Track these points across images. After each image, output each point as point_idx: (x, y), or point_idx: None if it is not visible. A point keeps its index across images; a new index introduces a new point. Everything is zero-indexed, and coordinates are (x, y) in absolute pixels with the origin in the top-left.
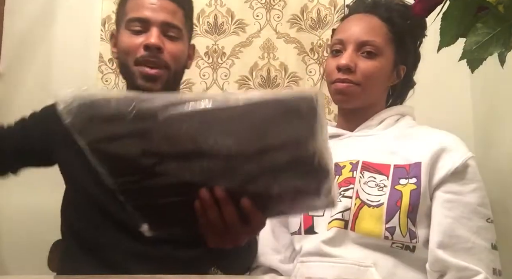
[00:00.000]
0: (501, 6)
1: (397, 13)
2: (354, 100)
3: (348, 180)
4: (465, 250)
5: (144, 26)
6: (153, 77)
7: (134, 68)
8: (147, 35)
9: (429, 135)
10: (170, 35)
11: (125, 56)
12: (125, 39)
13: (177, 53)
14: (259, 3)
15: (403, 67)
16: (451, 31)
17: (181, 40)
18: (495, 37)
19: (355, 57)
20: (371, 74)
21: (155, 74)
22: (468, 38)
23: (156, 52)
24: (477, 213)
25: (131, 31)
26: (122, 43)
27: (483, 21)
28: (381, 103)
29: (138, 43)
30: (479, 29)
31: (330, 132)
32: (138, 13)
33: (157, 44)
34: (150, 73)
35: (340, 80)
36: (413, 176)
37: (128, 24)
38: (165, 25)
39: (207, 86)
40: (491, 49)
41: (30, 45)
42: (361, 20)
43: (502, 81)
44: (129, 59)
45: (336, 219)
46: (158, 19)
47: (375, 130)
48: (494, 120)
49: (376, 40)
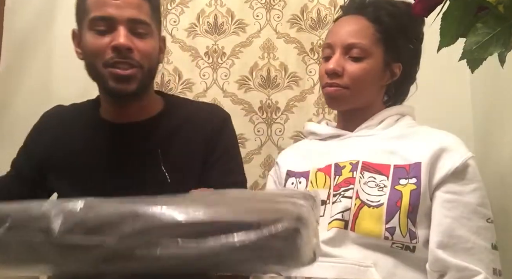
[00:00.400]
0: (501, 6)
1: (385, 12)
2: (345, 103)
3: (348, 180)
4: (465, 250)
5: (109, 25)
6: (127, 77)
7: (104, 70)
8: (113, 35)
9: (429, 135)
10: (138, 32)
11: (92, 58)
12: (90, 40)
13: (148, 51)
14: (259, 3)
15: (397, 64)
16: (451, 31)
17: (151, 35)
18: (495, 37)
19: (343, 61)
20: (358, 77)
21: (129, 74)
22: (468, 38)
23: (126, 52)
24: (477, 213)
25: (96, 32)
26: (87, 45)
27: (483, 21)
28: (378, 103)
29: (104, 45)
30: (479, 29)
31: (330, 133)
32: (102, 11)
33: (126, 45)
34: (123, 73)
35: (328, 85)
36: (413, 176)
37: (92, 23)
38: (132, 22)
39: (207, 86)
40: (491, 49)
41: (30, 45)
42: (348, 22)
43: (502, 81)
44: (97, 61)
45: (336, 219)
46: (124, 17)
47: (375, 130)
48: (494, 120)
49: (362, 42)
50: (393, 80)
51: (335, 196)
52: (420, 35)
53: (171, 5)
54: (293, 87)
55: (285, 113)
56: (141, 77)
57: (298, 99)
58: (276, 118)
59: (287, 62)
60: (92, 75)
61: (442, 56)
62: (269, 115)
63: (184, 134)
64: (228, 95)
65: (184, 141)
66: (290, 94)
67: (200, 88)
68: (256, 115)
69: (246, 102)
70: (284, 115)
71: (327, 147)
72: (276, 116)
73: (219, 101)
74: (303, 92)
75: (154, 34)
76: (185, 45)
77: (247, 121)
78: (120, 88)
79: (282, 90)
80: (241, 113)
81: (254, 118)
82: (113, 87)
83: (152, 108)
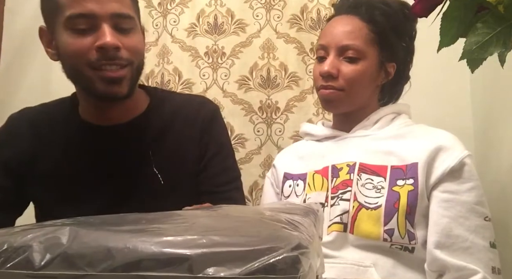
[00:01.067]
0: (501, 6)
1: (379, 12)
2: (340, 106)
3: (346, 182)
4: (463, 250)
5: (90, 23)
6: (117, 79)
7: (89, 73)
8: (97, 34)
9: (425, 134)
10: (123, 28)
11: (73, 60)
12: (69, 41)
13: (136, 47)
14: (259, 3)
15: (392, 64)
16: (451, 31)
17: (135, 29)
18: (495, 37)
19: (337, 63)
20: (353, 78)
21: (119, 76)
22: (468, 38)
23: (114, 52)
24: (474, 212)
25: (74, 31)
26: (66, 46)
27: (483, 21)
28: (373, 103)
29: (87, 45)
30: (479, 29)
31: (326, 133)
32: (80, 8)
33: (113, 44)
34: (113, 76)
35: (323, 87)
36: (410, 176)
37: (69, 22)
38: (116, 17)
39: (207, 86)
40: (491, 49)
41: (30, 45)
42: (342, 23)
43: (502, 81)
44: (79, 63)
45: (335, 222)
46: (106, 12)
47: (371, 131)
48: (494, 120)
49: (357, 43)
50: (388, 80)
51: (333, 199)
52: (413, 33)
53: (171, 5)
54: (293, 87)
55: (285, 113)
56: (131, 77)
57: (298, 99)
58: (276, 118)
59: (287, 62)
60: (73, 78)
61: (442, 56)
62: (269, 115)
63: (174, 131)
64: (228, 95)
65: (175, 139)
66: (290, 94)
67: (200, 88)
68: (256, 115)
69: (246, 102)
70: (284, 115)
71: (324, 148)
72: (276, 116)
73: (219, 101)
74: (303, 92)
75: (138, 27)
76: (185, 45)
77: (247, 121)
78: (111, 92)
79: (282, 90)
80: (241, 113)
81: (254, 118)
82: (102, 91)
83: (138, 106)
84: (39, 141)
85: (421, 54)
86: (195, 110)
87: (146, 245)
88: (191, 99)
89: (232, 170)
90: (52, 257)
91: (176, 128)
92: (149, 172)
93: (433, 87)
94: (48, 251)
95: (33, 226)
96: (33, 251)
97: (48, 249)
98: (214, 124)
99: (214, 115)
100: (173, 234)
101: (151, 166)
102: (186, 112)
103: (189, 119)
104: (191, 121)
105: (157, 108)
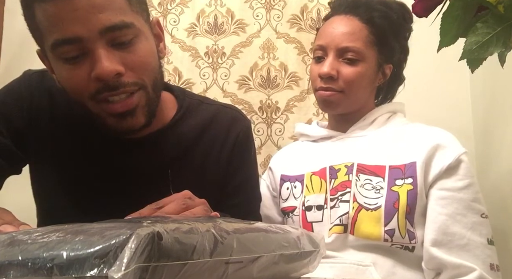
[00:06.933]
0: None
1: (378, 13)
2: (339, 107)
3: (345, 183)
4: (460, 247)
5: (79, 48)
6: (129, 111)
7: (96, 108)
8: (90, 60)
9: (422, 133)
10: (122, 42)
11: (74, 95)
12: (63, 73)
13: (144, 61)
14: (259, 3)
15: (389, 65)
16: (451, 31)
17: (140, 36)
18: (495, 37)
19: (337, 64)
20: (353, 80)
21: (130, 107)
22: (468, 38)
23: (116, 79)
24: (471, 209)
25: (66, 61)
26: (62, 79)
27: (483, 21)
28: (370, 104)
29: (83, 77)
30: (479, 29)
31: (322, 134)
32: (62, 32)
33: (112, 71)
34: (122, 109)
35: (323, 89)
36: (409, 176)
37: (56, 51)
38: (108, 31)
39: (207, 86)
40: (491, 49)
41: (30, 45)
42: (341, 23)
43: (502, 81)
44: (82, 98)
45: (336, 225)
46: (94, 30)
47: (367, 131)
48: (494, 119)
49: (357, 45)
50: (385, 81)
51: (333, 201)
52: (409, 33)
53: (171, 5)
54: (293, 87)
55: (285, 113)
56: (147, 102)
57: (298, 99)
58: (276, 118)
59: (287, 62)
60: (81, 109)
61: (442, 56)
62: (269, 115)
63: (199, 151)
64: (228, 95)
65: (199, 160)
66: (290, 94)
67: (200, 88)
68: (256, 115)
69: (246, 102)
70: (284, 115)
71: (320, 149)
72: (276, 116)
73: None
74: (303, 92)
75: (143, 30)
76: (185, 45)
77: None
78: (124, 126)
79: (282, 90)
80: None
81: (254, 118)
82: (114, 126)
83: (164, 115)
84: (54, 127)
85: (421, 54)
86: (226, 127)
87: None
88: (222, 113)
89: (253, 202)
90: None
91: (202, 147)
92: (165, 194)
93: (433, 87)
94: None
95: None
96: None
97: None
98: (246, 147)
99: (247, 135)
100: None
101: (168, 187)
102: (215, 129)
103: (218, 139)
104: (221, 141)
105: (183, 121)
